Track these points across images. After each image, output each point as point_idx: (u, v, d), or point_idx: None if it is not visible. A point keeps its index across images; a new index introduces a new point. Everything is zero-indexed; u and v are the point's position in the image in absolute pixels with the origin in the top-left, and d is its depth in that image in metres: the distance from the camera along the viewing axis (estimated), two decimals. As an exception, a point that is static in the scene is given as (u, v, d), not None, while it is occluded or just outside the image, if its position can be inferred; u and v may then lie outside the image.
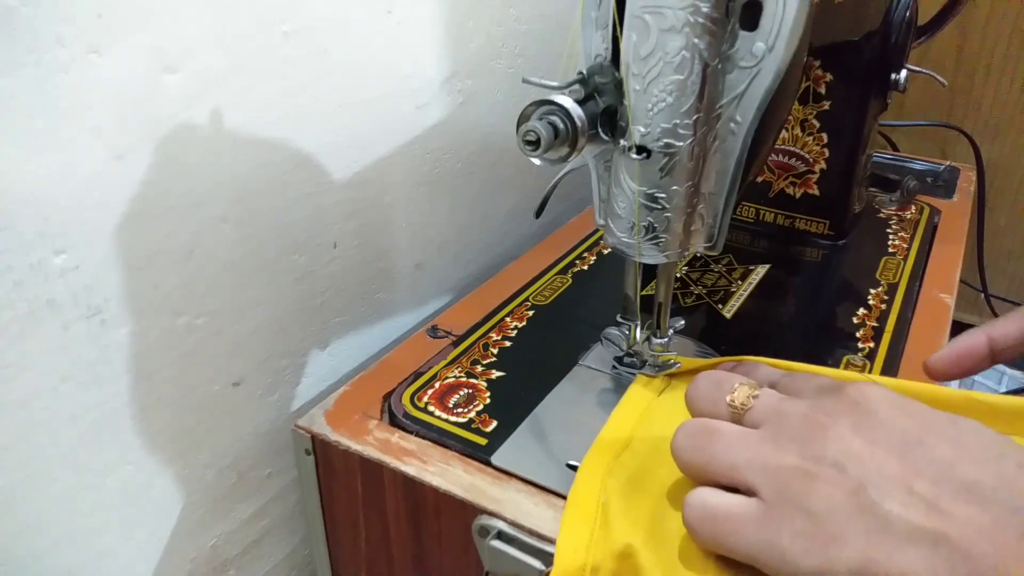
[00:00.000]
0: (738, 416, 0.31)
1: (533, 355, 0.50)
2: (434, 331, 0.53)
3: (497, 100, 0.64)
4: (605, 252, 0.63)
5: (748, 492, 0.28)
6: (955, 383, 0.46)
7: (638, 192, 0.36)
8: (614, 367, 0.46)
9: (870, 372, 0.47)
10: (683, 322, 0.43)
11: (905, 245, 0.63)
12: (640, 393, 0.41)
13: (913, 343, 0.50)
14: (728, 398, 0.31)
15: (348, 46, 0.48)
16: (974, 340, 0.35)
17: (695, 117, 0.34)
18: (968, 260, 0.74)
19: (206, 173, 0.41)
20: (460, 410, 0.44)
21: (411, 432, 0.43)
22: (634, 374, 0.43)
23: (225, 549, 0.49)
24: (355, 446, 0.42)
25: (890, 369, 0.47)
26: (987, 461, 0.25)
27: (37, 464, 0.37)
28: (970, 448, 0.26)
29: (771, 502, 0.27)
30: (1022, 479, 0.24)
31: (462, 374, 0.48)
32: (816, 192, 0.64)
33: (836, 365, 0.47)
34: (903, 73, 0.60)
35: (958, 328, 0.41)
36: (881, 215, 0.68)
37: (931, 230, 0.66)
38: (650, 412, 0.40)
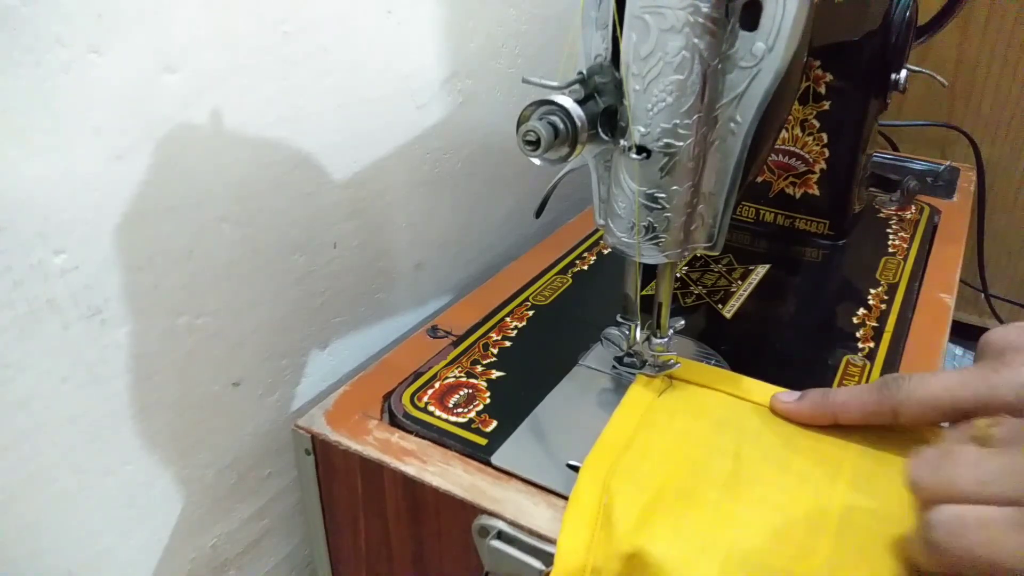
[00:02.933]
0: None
1: (533, 355, 0.50)
2: (434, 331, 0.53)
3: (497, 100, 0.64)
4: (605, 252, 0.63)
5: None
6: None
7: (638, 192, 0.36)
8: (614, 367, 0.46)
9: (870, 372, 0.47)
10: (683, 322, 0.43)
11: (905, 245, 0.63)
12: (641, 394, 0.41)
13: (913, 343, 0.50)
14: (967, 435, 0.30)
15: (348, 46, 0.48)
16: (823, 414, 0.38)
17: (695, 117, 0.34)
18: (968, 260, 0.75)
19: (206, 173, 0.41)
20: (460, 410, 0.44)
21: (411, 432, 0.43)
22: (634, 374, 0.43)
23: (225, 549, 0.49)
24: (355, 446, 0.42)
25: (890, 369, 0.47)
26: None
27: (37, 464, 0.37)
28: None
29: None
30: None
31: (462, 374, 0.48)
32: (816, 192, 0.64)
33: (836, 365, 0.47)
34: (903, 73, 0.60)
35: (958, 328, 0.41)
36: (881, 215, 0.68)
37: (931, 230, 0.66)
38: (651, 413, 0.40)
